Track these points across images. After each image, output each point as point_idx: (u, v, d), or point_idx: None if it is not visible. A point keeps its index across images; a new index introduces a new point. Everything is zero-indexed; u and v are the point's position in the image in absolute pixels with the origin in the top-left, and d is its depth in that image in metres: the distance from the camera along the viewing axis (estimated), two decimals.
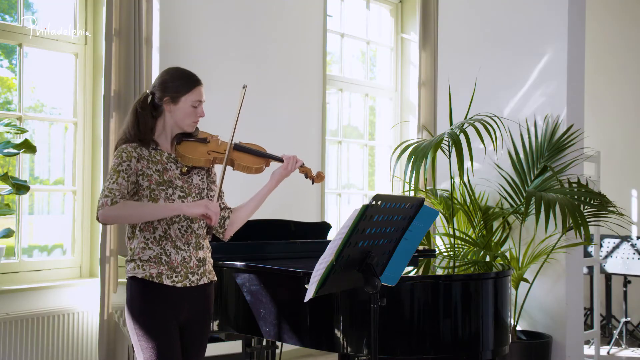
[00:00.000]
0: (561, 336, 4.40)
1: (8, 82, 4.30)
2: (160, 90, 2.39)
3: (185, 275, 2.36)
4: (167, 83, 2.39)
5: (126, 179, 2.28)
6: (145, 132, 2.37)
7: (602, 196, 4.25)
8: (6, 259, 4.06)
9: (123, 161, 2.29)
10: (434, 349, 2.71)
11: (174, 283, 2.34)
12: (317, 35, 5.62)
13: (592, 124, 5.96)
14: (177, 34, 4.65)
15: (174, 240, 2.35)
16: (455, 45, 5.07)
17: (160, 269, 2.32)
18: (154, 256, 2.33)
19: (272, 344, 3.68)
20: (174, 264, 2.34)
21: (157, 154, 2.38)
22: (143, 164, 2.33)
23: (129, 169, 2.29)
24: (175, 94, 2.37)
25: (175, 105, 2.38)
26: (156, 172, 2.34)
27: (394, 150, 4.56)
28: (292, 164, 2.54)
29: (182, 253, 2.37)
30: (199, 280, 2.41)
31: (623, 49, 6.63)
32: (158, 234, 2.34)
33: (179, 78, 2.40)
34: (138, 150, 2.33)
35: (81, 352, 4.20)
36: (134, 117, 2.38)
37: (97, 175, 4.41)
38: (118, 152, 2.32)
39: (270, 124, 5.07)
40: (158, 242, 2.34)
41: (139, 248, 2.34)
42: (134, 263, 2.34)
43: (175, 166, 2.40)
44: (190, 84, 2.40)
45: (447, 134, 4.16)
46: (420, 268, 3.32)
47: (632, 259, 5.65)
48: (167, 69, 2.47)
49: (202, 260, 2.44)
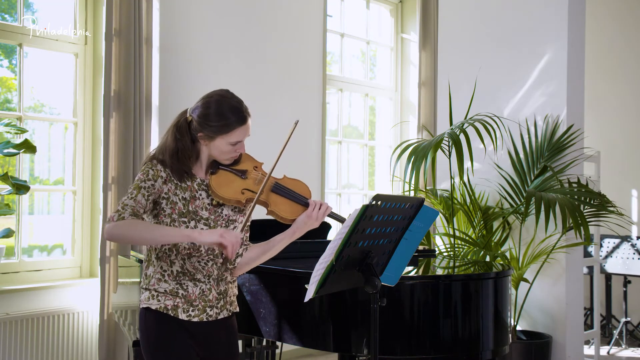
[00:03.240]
0: (561, 336, 4.40)
1: (8, 82, 4.30)
2: (197, 123, 2.13)
3: (202, 309, 2.18)
4: (207, 119, 2.12)
5: (146, 197, 2.09)
6: (183, 162, 2.14)
7: (602, 196, 4.25)
8: (6, 259, 4.06)
9: (148, 179, 2.10)
10: (434, 348, 2.71)
11: (190, 317, 2.16)
12: (317, 35, 5.62)
13: (592, 124, 5.96)
14: (177, 34, 4.65)
15: (193, 274, 2.17)
16: (455, 45, 5.07)
17: (176, 302, 2.15)
18: (169, 290, 2.16)
19: (272, 344, 3.68)
20: (191, 297, 2.16)
21: (188, 179, 2.16)
22: (170, 187, 2.13)
23: (152, 188, 2.10)
24: (211, 134, 2.13)
25: (212, 142, 2.15)
26: (182, 201, 2.14)
27: (394, 150, 4.56)
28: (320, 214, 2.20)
29: (202, 286, 2.18)
30: (217, 315, 2.22)
31: (623, 49, 6.63)
32: (175, 269, 2.16)
33: (221, 117, 2.11)
34: (168, 171, 2.12)
35: (81, 352, 4.20)
36: (173, 142, 2.15)
37: (97, 175, 4.41)
38: (146, 166, 2.12)
39: (270, 124, 5.07)
40: (175, 277, 2.17)
41: (154, 278, 2.17)
42: (149, 293, 2.17)
43: (206, 194, 2.18)
44: (231, 126, 2.12)
45: (447, 134, 4.16)
46: (420, 268, 3.32)
47: (632, 259, 5.65)
48: (210, 96, 2.17)
49: (222, 292, 2.23)
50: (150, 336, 2.17)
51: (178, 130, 2.16)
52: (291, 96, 5.35)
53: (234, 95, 2.20)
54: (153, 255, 2.19)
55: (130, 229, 2.03)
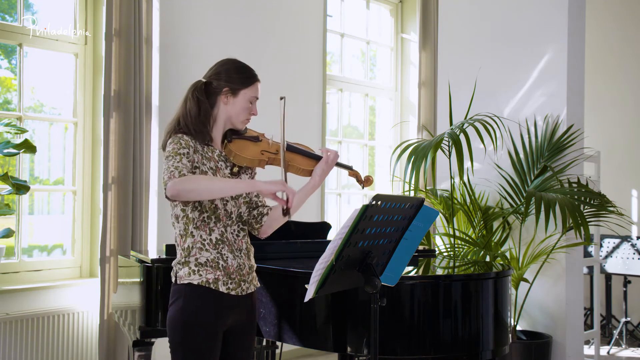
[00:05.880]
0: (561, 336, 4.40)
1: (8, 82, 4.30)
2: (219, 80, 2.27)
3: (238, 283, 2.25)
4: (229, 73, 2.28)
5: (189, 162, 2.14)
6: (205, 122, 2.24)
7: (602, 196, 4.25)
8: (6, 259, 4.06)
9: (183, 147, 2.15)
10: (434, 348, 2.71)
11: (229, 290, 2.22)
12: (317, 35, 5.62)
13: (592, 124, 5.96)
14: (177, 34, 4.65)
15: (231, 244, 2.24)
16: (455, 45, 5.07)
17: (217, 274, 2.19)
18: (211, 259, 2.20)
19: (272, 344, 3.68)
20: (229, 270, 2.22)
21: (209, 150, 2.26)
22: (198, 157, 2.20)
23: (189, 155, 2.16)
24: (236, 86, 2.27)
25: (235, 97, 2.28)
26: (210, 170, 2.22)
27: (394, 150, 4.56)
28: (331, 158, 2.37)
29: (238, 259, 2.25)
30: (248, 289, 2.30)
31: (623, 49, 6.63)
32: (215, 236, 2.21)
33: (240, 71, 2.30)
34: (194, 142, 2.20)
35: (81, 352, 4.20)
36: (195, 105, 2.23)
37: (97, 175, 4.41)
38: (175, 138, 2.18)
39: (270, 123, 5.06)
40: (214, 246, 2.21)
41: (195, 248, 2.19)
42: (188, 268, 2.19)
43: (225, 165, 2.29)
44: (251, 79, 2.31)
45: (447, 134, 4.16)
46: (420, 268, 3.32)
47: (632, 259, 5.65)
48: (225, 60, 2.35)
49: (252, 267, 2.33)
50: (186, 312, 2.18)
51: (200, 92, 2.26)
52: (291, 96, 5.32)
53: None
54: (191, 226, 2.20)
55: (196, 181, 2.08)
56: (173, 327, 2.21)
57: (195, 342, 2.19)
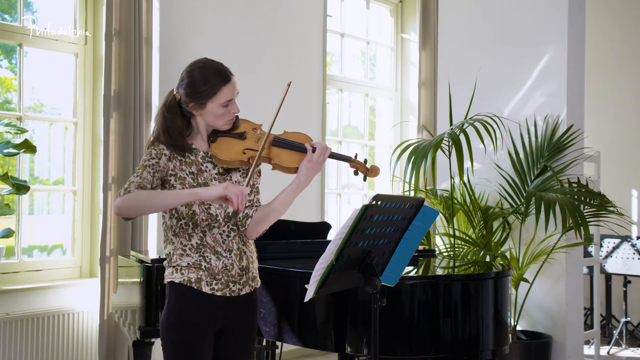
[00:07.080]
0: (561, 336, 4.40)
1: (8, 82, 4.30)
2: (184, 95, 2.19)
3: (225, 283, 2.21)
4: (193, 87, 2.17)
5: (152, 174, 2.14)
6: (175, 138, 2.18)
7: (602, 196, 4.25)
8: (6, 259, 4.06)
9: (152, 158, 2.15)
10: (434, 348, 2.71)
11: (214, 291, 2.19)
12: (317, 35, 5.62)
13: (592, 124, 5.96)
14: (177, 34, 4.65)
15: (213, 246, 2.20)
16: (455, 45, 5.07)
17: (199, 274, 2.18)
18: (192, 262, 2.19)
19: (272, 344, 3.68)
20: (214, 271, 2.19)
21: (191, 154, 2.21)
22: (175, 164, 2.18)
23: (157, 165, 2.15)
24: (201, 100, 2.17)
25: (204, 109, 2.19)
26: (190, 175, 2.19)
27: (394, 150, 4.56)
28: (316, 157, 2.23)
29: (224, 260, 2.21)
30: (240, 290, 2.25)
31: (623, 49, 6.63)
32: (195, 241, 2.19)
33: (203, 82, 2.16)
34: (171, 149, 2.18)
35: (81, 352, 4.20)
36: (162, 121, 2.20)
37: (97, 175, 4.41)
38: (149, 149, 2.18)
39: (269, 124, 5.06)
40: (196, 250, 2.19)
41: (176, 255, 2.20)
42: (172, 268, 2.21)
43: (212, 165, 2.24)
44: (215, 87, 2.16)
45: (447, 134, 4.16)
46: (420, 268, 3.32)
47: (632, 259, 5.65)
48: (191, 65, 2.22)
49: (244, 269, 2.26)
50: (172, 309, 2.19)
51: (167, 109, 2.21)
52: (291, 96, 5.33)
53: (214, 60, 2.25)
54: (170, 233, 2.22)
55: (137, 198, 2.07)
56: (161, 325, 2.24)
57: (180, 339, 2.18)
